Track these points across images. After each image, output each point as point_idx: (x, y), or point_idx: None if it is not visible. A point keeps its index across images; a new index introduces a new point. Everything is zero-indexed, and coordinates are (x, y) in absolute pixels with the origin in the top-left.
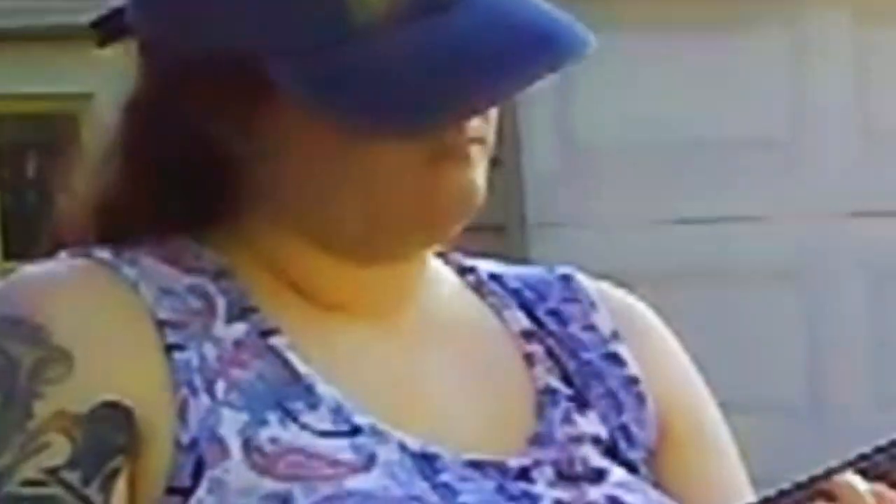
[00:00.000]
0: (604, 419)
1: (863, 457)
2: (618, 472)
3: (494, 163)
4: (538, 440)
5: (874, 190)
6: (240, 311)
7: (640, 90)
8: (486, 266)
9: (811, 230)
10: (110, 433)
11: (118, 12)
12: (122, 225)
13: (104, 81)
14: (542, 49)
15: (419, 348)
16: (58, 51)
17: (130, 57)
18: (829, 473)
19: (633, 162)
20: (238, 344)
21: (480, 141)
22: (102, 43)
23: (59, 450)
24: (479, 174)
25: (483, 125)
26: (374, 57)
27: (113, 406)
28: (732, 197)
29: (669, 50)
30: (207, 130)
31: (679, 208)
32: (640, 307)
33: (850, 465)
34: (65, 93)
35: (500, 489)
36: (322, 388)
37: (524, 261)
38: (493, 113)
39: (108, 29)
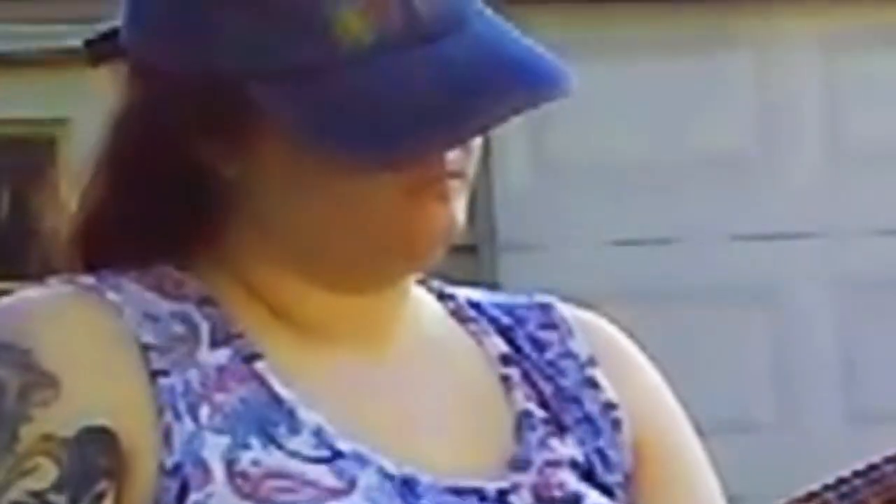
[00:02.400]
0: (581, 443)
1: (812, 494)
2: (595, 497)
3: None
4: (516, 464)
5: (841, 208)
6: (224, 337)
7: (609, 110)
8: (465, 293)
9: (779, 248)
10: (96, 457)
11: (113, 33)
12: (107, 247)
13: (83, 106)
14: (526, 83)
15: (400, 372)
16: (35, 75)
17: (109, 81)
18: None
19: (604, 181)
20: (221, 369)
21: (460, 175)
22: (95, 62)
23: (45, 473)
24: (457, 208)
25: (463, 158)
26: (358, 85)
27: (99, 430)
28: (702, 216)
29: (639, 71)
30: (196, 151)
31: (649, 227)
32: (616, 333)
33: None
34: (42, 117)
35: None
36: (304, 413)
37: (495, 281)
38: (475, 145)
39: (101, 49)
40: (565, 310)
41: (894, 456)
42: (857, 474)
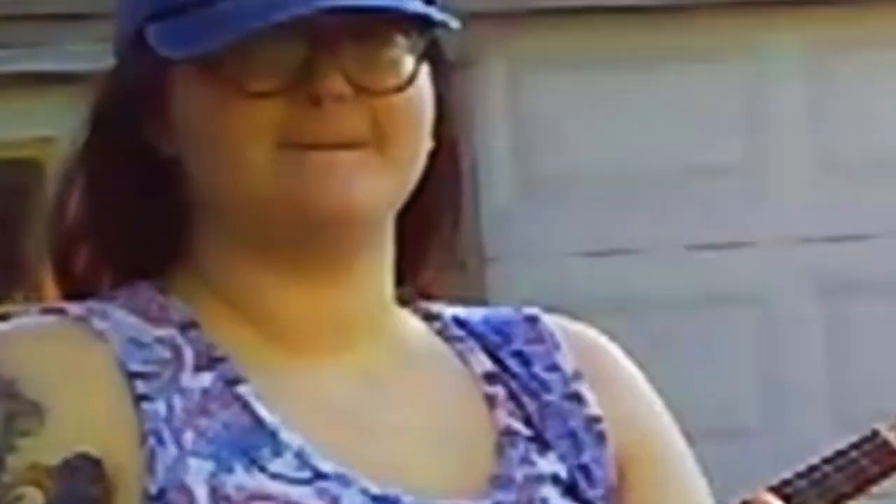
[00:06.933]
0: (563, 459)
1: (785, 482)
2: None
3: None
4: (498, 482)
5: (830, 216)
6: (207, 361)
7: (597, 122)
8: (451, 311)
9: (765, 256)
10: (82, 485)
11: None
12: (88, 270)
13: (66, 126)
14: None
15: (383, 392)
16: (18, 95)
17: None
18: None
19: (589, 194)
20: (205, 393)
21: (356, 144)
22: None
23: (32, 502)
24: (353, 179)
25: (360, 124)
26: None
27: (85, 458)
28: (690, 226)
29: (626, 81)
30: (145, 134)
31: (636, 238)
32: (604, 343)
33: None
34: (27, 137)
35: None
36: (286, 435)
37: (482, 295)
38: (392, 111)
39: None
40: (551, 322)
41: (857, 442)
42: (826, 461)
